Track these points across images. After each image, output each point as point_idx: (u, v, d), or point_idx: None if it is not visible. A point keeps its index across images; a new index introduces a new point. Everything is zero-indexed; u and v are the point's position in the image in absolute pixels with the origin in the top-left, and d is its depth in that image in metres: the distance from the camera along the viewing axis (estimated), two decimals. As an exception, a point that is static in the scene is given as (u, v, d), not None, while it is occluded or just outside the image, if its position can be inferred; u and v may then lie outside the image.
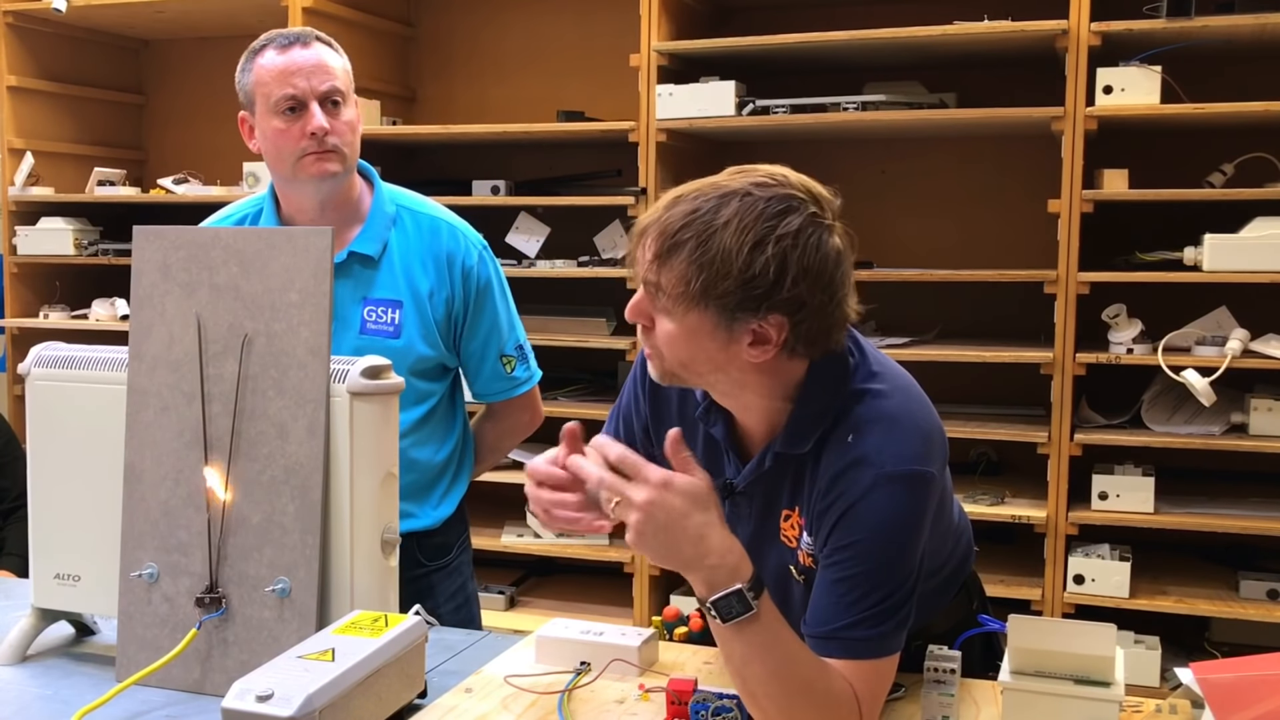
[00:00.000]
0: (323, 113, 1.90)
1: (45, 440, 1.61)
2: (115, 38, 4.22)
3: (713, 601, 1.29)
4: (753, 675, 1.30)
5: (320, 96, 1.90)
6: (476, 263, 2.02)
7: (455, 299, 2.00)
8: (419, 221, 2.02)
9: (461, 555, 2.16)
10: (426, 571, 2.06)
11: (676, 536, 1.27)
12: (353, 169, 1.98)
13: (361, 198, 2.02)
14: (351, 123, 1.95)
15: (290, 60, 1.90)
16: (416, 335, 1.97)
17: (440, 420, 2.05)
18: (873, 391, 1.39)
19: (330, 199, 1.96)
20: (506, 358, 2.09)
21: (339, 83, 1.93)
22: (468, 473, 2.14)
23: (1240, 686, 1.27)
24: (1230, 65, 3.16)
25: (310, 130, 1.89)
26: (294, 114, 1.90)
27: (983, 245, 3.42)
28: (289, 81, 1.89)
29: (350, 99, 1.95)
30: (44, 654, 1.63)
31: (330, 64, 1.93)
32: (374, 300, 1.96)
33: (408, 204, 2.04)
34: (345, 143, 1.93)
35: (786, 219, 1.29)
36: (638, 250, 1.36)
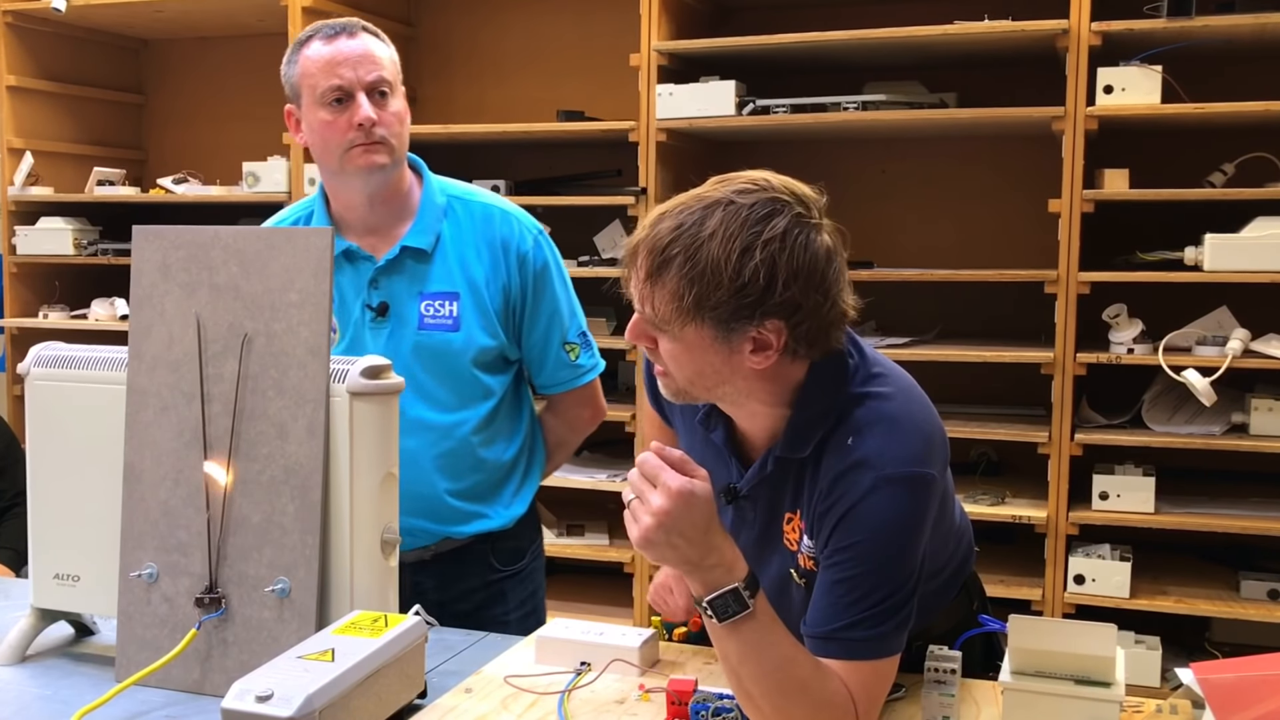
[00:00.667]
0: (370, 103, 1.86)
1: (45, 440, 1.61)
2: (115, 37, 4.22)
3: (709, 600, 1.29)
4: (748, 675, 1.30)
5: (367, 87, 1.86)
6: (532, 247, 1.97)
7: (512, 286, 1.95)
8: (471, 210, 1.98)
9: (535, 561, 2.11)
10: (501, 577, 2.02)
11: (684, 543, 1.27)
12: (402, 161, 1.93)
13: (411, 190, 1.97)
14: (399, 114, 1.90)
15: (336, 50, 1.86)
16: (476, 326, 1.92)
17: (506, 416, 2.01)
18: (873, 394, 1.39)
19: (379, 192, 1.92)
20: (569, 345, 2.03)
21: (386, 73, 1.88)
22: (539, 470, 2.09)
23: (1241, 687, 1.27)
24: (1231, 65, 3.16)
25: (357, 121, 1.84)
26: (340, 105, 1.86)
27: (983, 245, 3.42)
28: (335, 72, 1.85)
29: (398, 90, 1.91)
30: (43, 654, 1.63)
31: (377, 54, 1.88)
32: (430, 294, 1.92)
33: (458, 193, 2.00)
34: (393, 134, 1.88)
35: (772, 222, 1.29)
36: (630, 271, 1.36)
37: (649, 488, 1.28)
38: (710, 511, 1.29)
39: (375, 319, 1.92)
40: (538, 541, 2.14)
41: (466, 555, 1.98)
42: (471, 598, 1.99)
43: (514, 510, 2.02)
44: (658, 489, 1.27)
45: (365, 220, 1.94)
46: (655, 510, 1.27)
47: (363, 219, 1.94)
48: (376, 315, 1.92)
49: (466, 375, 1.93)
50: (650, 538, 1.27)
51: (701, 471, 1.30)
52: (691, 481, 1.28)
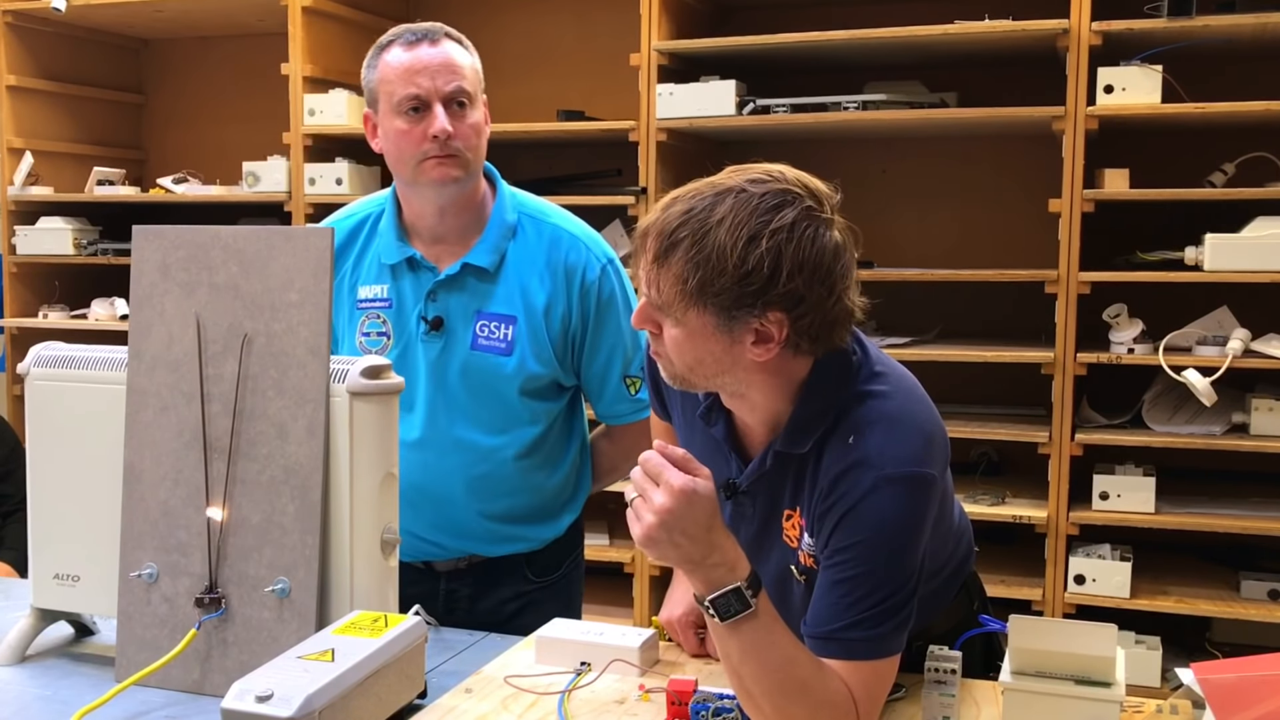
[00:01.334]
0: (447, 114, 1.81)
1: (45, 440, 1.61)
2: (115, 37, 4.22)
3: (711, 599, 1.29)
4: (749, 674, 1.30)
5: (445, 97, 1.81)
6: (599, 276, 1.91)
7: (573, 314, 1.89)
8: (540, 230, 1.92)
9: (573, 572, 2.07)
10: (535, 588, 1.99)
11: (686, 541, 1.28)
12: (476, 174, 1.88)
13: (485, 203, 1.92)
14: (477, 125, 1.85)
15: (416, 58, 1.82)
16: (529, 352, 1.87)
17: (556, 442, 1.96)
18: (874, 392, 1.38)
19: (451, 204, 1.87)
20: (630, 379, 1.96)
21: (466, 83, 1.84)
22: (583, 496, 2.04)
23: (1241, 687, 1.27)
24: (1231, 65, 3.16)
25: (432, 133, 1.80)
26: (417, 114, 1.81)
27: (983, 245, 3.42)
28: (413, 80, 1.80)
29: (478, 100, 1.87)
30: (43, 654, 1.63)
31: (458, 62, 1.84)
32: (488, 315, 1.87)
33: (531, 210, 1.95)
34: (469, 147, 1.83)
35: (781, 213, 1.29)
36: (639, 255, 1.36)
37: (651, 486, 1.28)
38: (713, 510, 1.29)
39: (429, 332, 1.87)
40: (576, 552, 2.09)
41: (501, 565, 1.95)
42: (504, 608, 1.96)
43: (552, 533, 1.99)
44: (660, 487, 1.28)
45: (433, 230, 1.90)
46: (658, 509, 1.27)
47: (431, 229, 1.90)
48: (430, 329, 1.87)
49: (513, 401, 1.88)
50: (653, 536, 1.27)
51: (704, 470, 1.30)
52: (694, 480, 1.28)
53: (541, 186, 3.51)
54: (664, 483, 1.27)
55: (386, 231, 1.92)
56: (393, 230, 1.91)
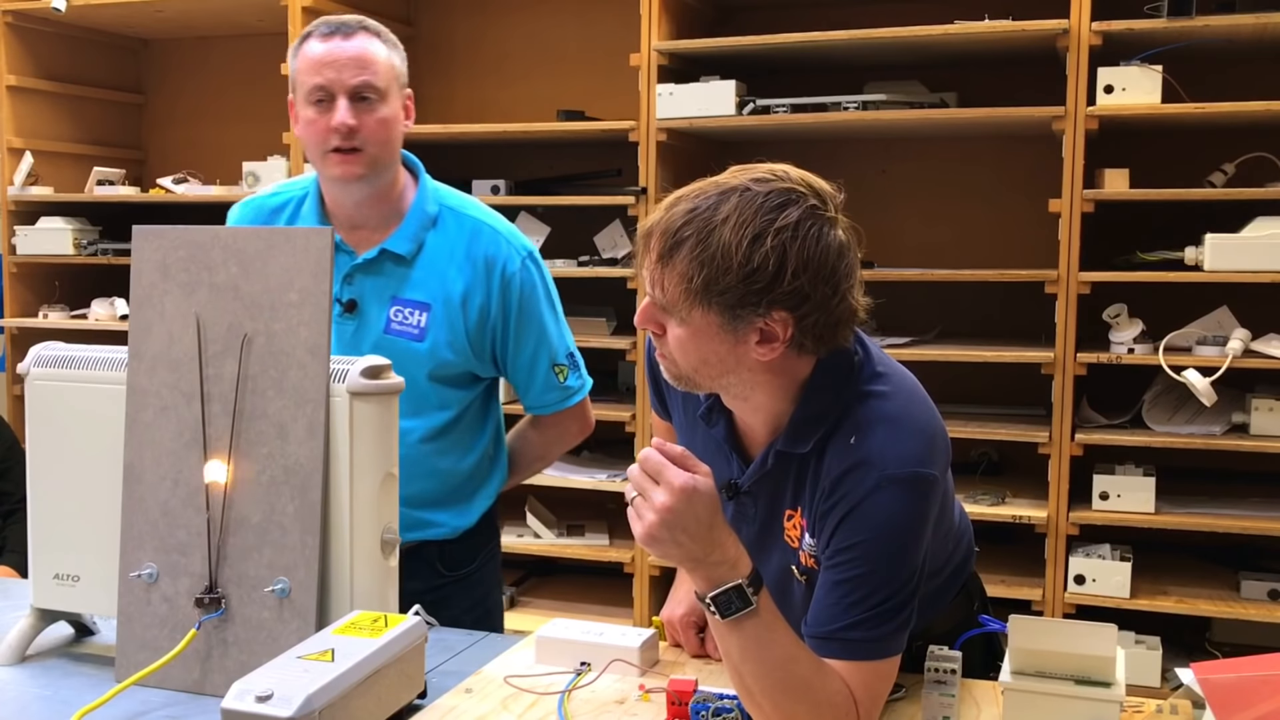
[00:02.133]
0: (351, 108, 1.83)
1: (44, 440, 1.61)
2: (115, 37, 4.22)
3: (712, 597, 1.29)
4: (749, 672, 1.31)
5: (350, 91, 1.83)
6: (519, 269, 1.93)
7: (492, 305, 1.92)
8: (461, 223, 1.94)
9: (487, 565, 2.08)
10: (446, 582, 2.00)
11: (688, 539, 1.28)
12: (385, 169, 1.90)
13: (404, 194, 1.94)
14: (385, 120, 1.86)
15: (327, 50, 1.84)
16: (441, 340, 1.90)
17: (467, 429, 1.98)
18: (876, 393, 1.38)
19: (370, 196, 1.90)
20: (559, 366, 2.00)
21: (374, 78, 1.85)
22: (496, 483, 2.06)
23: (1241, 687, 1.27)
24: (1231, 65, 3.16)
25: (333, 125, 1.82)
26: (323, 106, 1.84)
27: (983, 245, 3.42)
28: (320, 72, 1.83)
29: (390, 96, 1.87)
30: (43, 654, 1.63)
31: (369, 57, 1.85)
32: (402, 300, 1.90)
33: (452, 203, 1.97)
34: (376, 141, 1.85)
35: (785, 212, 1.29)
36: (643, 254, 1.36)
37: (651, 485, 1.28)
38: (713, 507, 1.29)
39: (342, 314, 1.90)
40: (492, 544, 2.11)
41: (411, 557, 1.92)
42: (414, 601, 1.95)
43: (464, 520, 2.00)
44: (661, 485, 1.28)
45: (351, 217, 1.93)
46: (659, 507, 1.27)
47: (349, 216, 1.93)
48: (344, 311, 1.90)
49: (423, 385, 1.90)
50: (654, 534, 1.28)
51: (704, 467, 1.30)
52: (694, 477, 1.28)
53: (541, 186, 3.55)
54: (664, 481, 1.27)
55: (309, 215, 1.95)
56: (315, 214, 1.94)
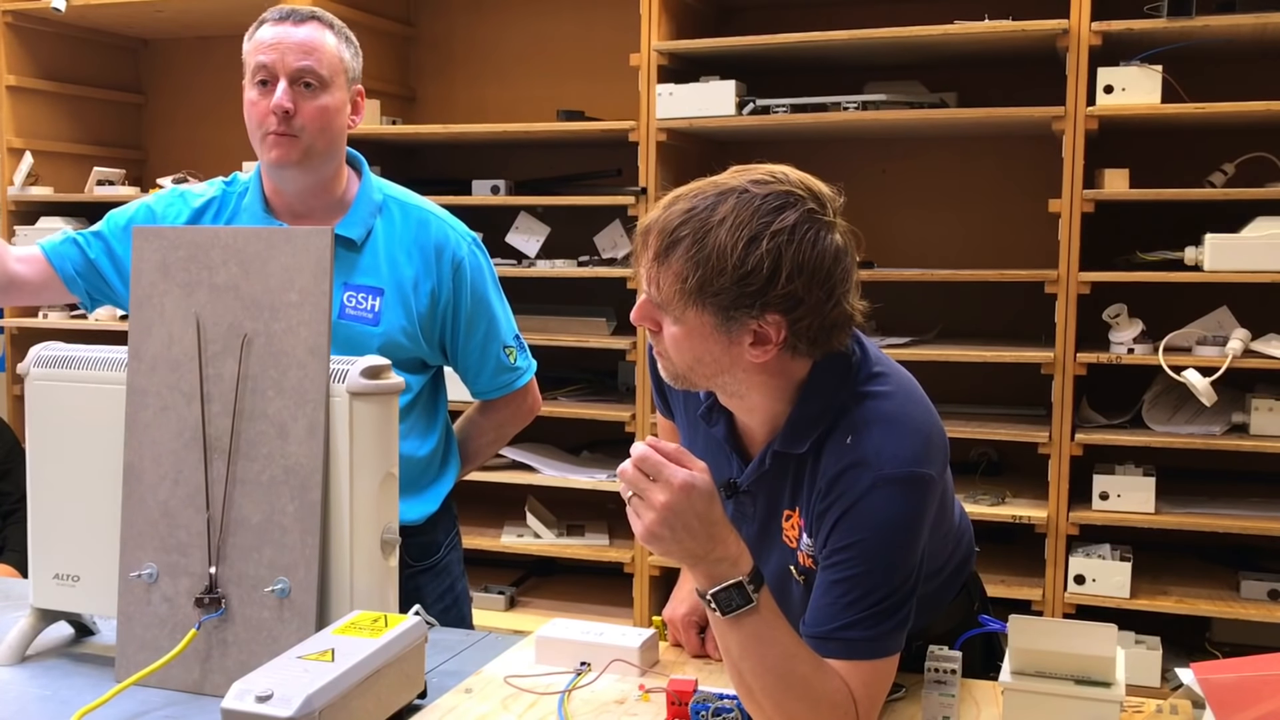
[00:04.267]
0: (291, 92, 1.84)
1: (44, 440, 1.61)
2: (115, 37, 4.22)
3: (713, 593, 1.30)
4: (749, 669, 1.31)
5: (291, 74, 1.84)
6: (468, 255, 1.98)
7: (443, 291, 1.95)
8: (407, 212, 1.98)
9: (450, 554, 2.13)
10: (413, 572, 2.02)
11: (688, 536, 1.28)
12: (322, 161, 1.90)
13: (348, 188, 1.97)
14: (325, 109, 1.87)
15: (275, 34, 1.87)
16: (396, 326, 1.92)
17: (421, 415, 2.01)
18: (873, 393, 1.39)
19: (310, 187, 1.92)
20: (508, 348, 2.05)
21: (318, 65, 1.86)
22: (453, 470, 2.10)
23: (1241, 687, 1.27)
24: (1231, 65, 3.16)
25: (271, 107, 1.84)
26: (265, 87, 1.86)
27: (983, 245, 3.42)
28: (265, 53, 1.85)
29: (333, 85, 1.88)
30: (43, 654, 1.63)
31: (316, 44, 1.87)
32: (355, 286, 1.92)
33: (396, 195, 2.00)
34: (313, 129, 1.86)
35: (782, 215, 1.29)
36: (641, 252, 1.36)
37: (649, 483, 1.28)
38: (712, 503, 1.29)
39: None
40: (453, 534, 2.15)
41: None
42: None
43: (426, 507, 2.02)
44: (659, 483, 1.28)
45: (293, 207, 1.94)
46: (659, 505, 1.27)
47: (290, 205, 1.94)
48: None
49: None
50: (655, 532, 1.28)
51: (700, 464, 1.30)
52: (693, 474, 1.28)
53: (541, 186, 3.55)
54: (663, 479, 1.28)
55: (251, 205, 1.96)
56: (257, 204, 1.95)
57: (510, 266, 3.43)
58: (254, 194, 1.97)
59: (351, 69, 1.94)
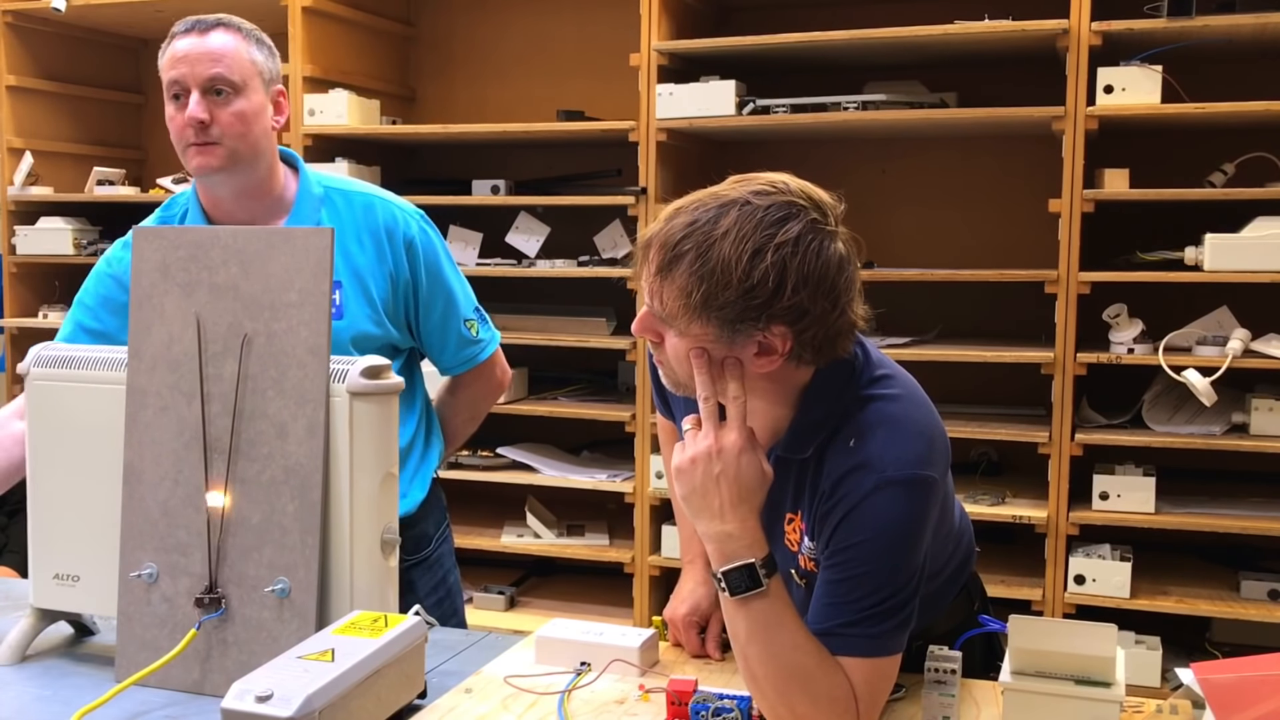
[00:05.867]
0: (204, 102, 1.83)
1: (44, 440, 1.61)
2: (114, 37, 4.22)
3: (724, 572, 1.31)
4: (754, 655, 1.32)
5: (202, 84, 1.84)
6: (418, 233, 1.96)
7: (400, 273, 1.94)
8: (351, 200, 1.96)
9: (442, 546, 2.12)
10: (406, 566, 2.00)
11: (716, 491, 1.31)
12: (247, 165, 1.89)
13: (286, 186, 1.95)
14: (241, 113, 1.86)
15: (182, 47, 1.87)
16: (360, 315, 1.90)
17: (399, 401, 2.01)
18: (876, 395, 1.39)
19: (244, 190, 1.91)
20: (469, 321, 2.04)
21: (227, 71, 1.85)
22: (435, 455, 2.08)
23: (1241, 687, 1.27)
24: (1231, 65, 3.16)
25: (184, 119, 1.84)
26: (180, 102, 1.86)
27: (983, 245, 3.42)
28: (175, 67, 1.86)
29: (246, 89, 1.87)
30: (43, 654, 1.63)
31: (222, 51, 1.85)
32: None
33: (336, 185, 1.98)
34: (233, 135, 1.84)
35: (786, 226, 1.29)
36: (642, 265, 1.36)
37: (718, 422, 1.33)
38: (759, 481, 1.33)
39: None
40: (444, 526, 2.14)
41: None
42: None
43: (412, 496, 2.01)
44: (732, 427, 1.32)
45: (232, 214, 1.93)
46: (720, 441, 1.31)
47: (230, 213, 1.93)
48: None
49: None
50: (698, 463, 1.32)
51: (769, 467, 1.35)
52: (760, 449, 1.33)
53: (541, 186, 3.55)
54: (737, 427, 1.32)
55: (192, 221, 1.96)
56: (199, 219, 1.95)
57: (510, 266, 3.43)
58: (193, 210, 1.96)
59: (266, 70, 1.93)
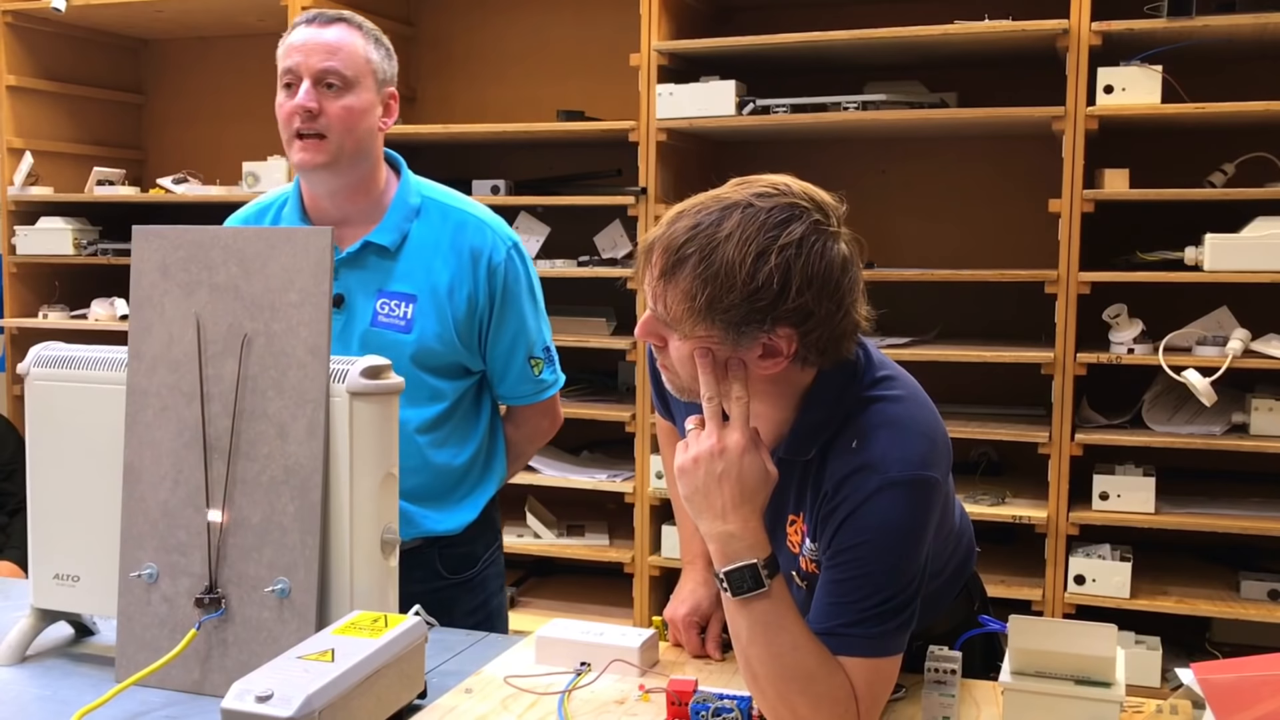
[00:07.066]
0: (314, 92, 1.84)
1: (45, 440, 1.61)
2: (115, 37, 4.22)
3: (726, 572, 1.31)
4: (756, 655, 1.32)
5: (315, 75, 1.84)
6: (504, 259, 1.94)
7: (479, 295, 1.92)
8: (446, 215, 1.95)
9: (489, 569, 2.08)
10: (447, 585, 1.99)
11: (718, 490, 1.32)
12: (351, 163, 1.89)
13: (386, 189, 1.95)
14: (350, 109, 1.86)
15: (302, 36, 1.87)
16: (429, 331, 1.90)
17: (461, 422, 1.98)
18: (878, 397, 1.39)
19: (342, 189, 1.91)
20: (535, 360, 2.01)
21: (340, 65, 1.85)
22: (495, 480, 2.05)
23: (1241, 687, 1.27)
24: (1231, 65, 3.16)
25: (292, 108, 1.85)
26: (291, 90, 1.86)
27: (983, 245, 3.42)
28: (290, 56, 1.86)
29: (358, 86, 1.87)
30: (43, 654, 1.63)
31: (339, 45, 1.86)
32: (388, 293, 1.90)
33: (437, 196, 1.98)
34: (339, 129, 1.85)
35: (789, 228, 1.29)
36: (644, 269, 1.36)
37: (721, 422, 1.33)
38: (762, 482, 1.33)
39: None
40: (494, 547, 2.10)
41: (411, 559, 1.92)
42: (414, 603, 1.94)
43: (462, 516, 1.99)
44: (735, 427, 1.32)
45: (330, 213, 1.93)
46: (722, 441, 1.31)
47: (326, 211, 1.93)
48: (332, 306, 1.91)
49: (412, 376, 1.89)
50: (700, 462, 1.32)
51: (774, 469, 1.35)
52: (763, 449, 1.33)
53: (541, 186, 3.55)
54: (740, 427, 1.32)
55: (290, 216, 1.96)
56: (296, 213, 1.95)
57: (510, 266, 3.43)
58: (293, 203, 1.96)
59: (380, 70, 1.92)
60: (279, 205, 2.00)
